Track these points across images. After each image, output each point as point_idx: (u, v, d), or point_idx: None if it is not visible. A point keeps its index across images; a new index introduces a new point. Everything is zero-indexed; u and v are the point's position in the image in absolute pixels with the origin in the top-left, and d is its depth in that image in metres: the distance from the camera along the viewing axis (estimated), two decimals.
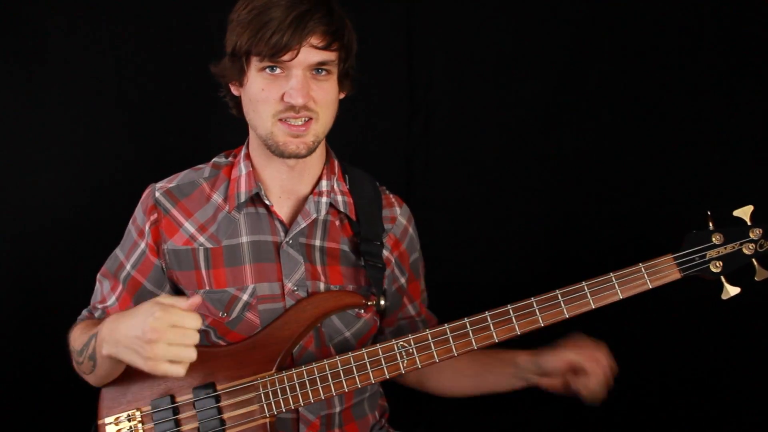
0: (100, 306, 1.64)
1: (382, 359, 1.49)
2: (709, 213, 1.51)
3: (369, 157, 1.71)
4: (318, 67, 1.47)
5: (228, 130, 1.90)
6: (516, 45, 2.23)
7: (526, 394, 1.60)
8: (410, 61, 2.24)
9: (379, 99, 2.00)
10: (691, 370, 2.20)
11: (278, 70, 1.46)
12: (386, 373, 1.49)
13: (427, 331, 1.49)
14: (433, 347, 1.49)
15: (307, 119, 1.48)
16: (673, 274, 1.47)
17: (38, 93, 2.13)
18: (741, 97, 2.15)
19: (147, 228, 1.58)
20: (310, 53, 1.45)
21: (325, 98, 1.50)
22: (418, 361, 1.49)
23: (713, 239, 1.49)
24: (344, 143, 1.66)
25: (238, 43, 1.46)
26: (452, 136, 2.28)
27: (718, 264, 1.48)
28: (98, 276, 1.66)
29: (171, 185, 1.61)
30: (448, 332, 1.49)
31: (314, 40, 1.44)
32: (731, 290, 1.48)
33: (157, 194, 1.60)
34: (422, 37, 2.24)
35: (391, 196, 1.74)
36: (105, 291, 1.63)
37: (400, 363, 1.49)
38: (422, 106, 2.26)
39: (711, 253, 1.48)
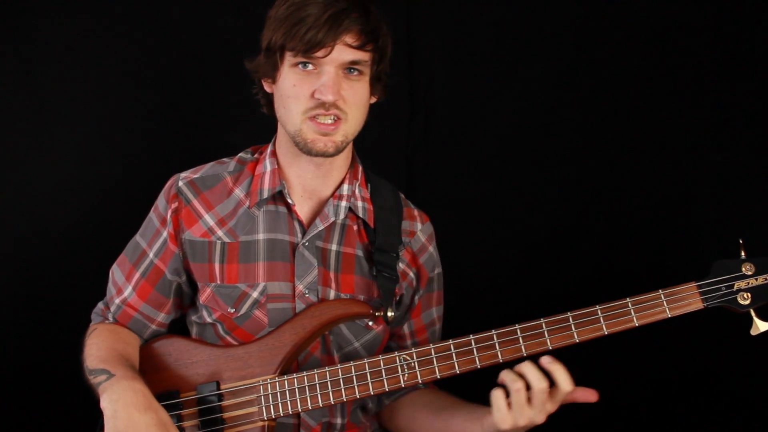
0: (117, 299, 1.62)
1: (383, 371, 1.46)
2: (741, 241, 1.41)
3: (369, 157, 1.70)
4: (350, 66, 1.47)
5: (232, 131, 1.89)
6: (516, 45, 2.21)
7: None
8: (410, 61, 2.23)
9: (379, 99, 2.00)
10: (691, 370, 2.14)
11: (311, 67, 1.46)
12: (386, 385, 1.46)
13: (431, 346, 1.46)
14: (435, 362, 1.45)
15: (335, 118, 1.47)
16: (695, 304, 1.39)
17: (43, 94, 2.15)
18: (748, 97, 2.09)
19: (169, 216, 1.59)
20: (343, 51, 1.44)
21: (355, 99, 1.49)
22: (419, 375, 1.45)
23: (743, 269, 1.39)
24: None
25: (273, 38, 1.47)
26: (452, 136, 2.25)
27: (746, 296, 1.38)
28: (113, 267, 1.66)
29: (195, 176, 1.62)
30: (452, 348, 1.45)
31: (349, 39, 1.44)
32: (761, 326, 1.38)
33: (180, 183, 1.60)
34: (422, 37, 2.22)
35: (415, 210, 1.71)
36: (119, 281, 1.63)
37: (401, 376, 1.45)
38: (422, 106, 2.25)
39: (740, 284, 1.38)
